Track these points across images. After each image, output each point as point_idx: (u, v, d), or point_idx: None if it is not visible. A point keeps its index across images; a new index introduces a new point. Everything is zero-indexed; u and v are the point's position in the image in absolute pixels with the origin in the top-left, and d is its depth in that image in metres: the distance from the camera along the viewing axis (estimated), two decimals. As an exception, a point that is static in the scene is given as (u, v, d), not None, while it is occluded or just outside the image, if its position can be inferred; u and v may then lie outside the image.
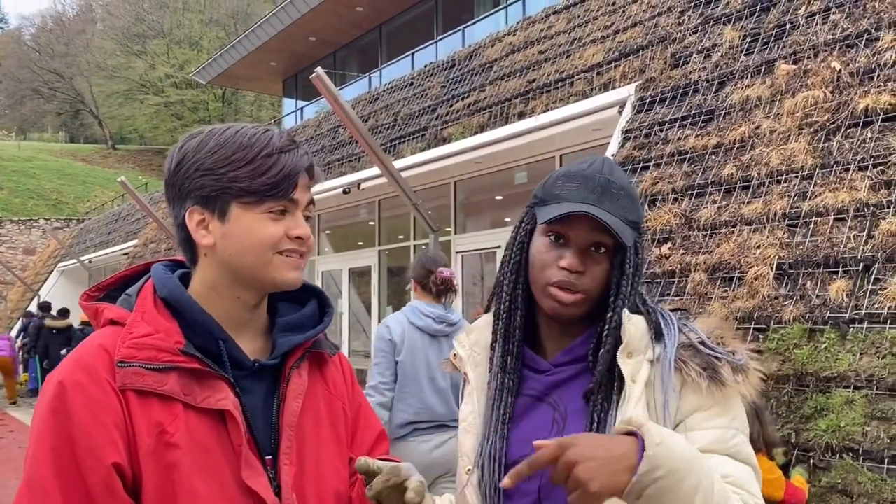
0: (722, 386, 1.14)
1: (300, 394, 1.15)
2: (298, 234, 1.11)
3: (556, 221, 1.22)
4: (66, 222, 27.81)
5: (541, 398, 1.25)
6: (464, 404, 1.34)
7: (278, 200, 1.09)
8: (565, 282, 1.21)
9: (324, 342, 1.23)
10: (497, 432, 1.24)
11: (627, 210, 1.23)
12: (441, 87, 10.07)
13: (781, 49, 5.57)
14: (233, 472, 1.05)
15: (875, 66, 4.84)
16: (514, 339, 1.28)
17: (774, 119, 5.14)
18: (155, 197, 19.12)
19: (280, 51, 20.25)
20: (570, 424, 1.20)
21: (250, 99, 40.50)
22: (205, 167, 1.09)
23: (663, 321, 1.21)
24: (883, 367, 3.67)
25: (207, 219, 1.11)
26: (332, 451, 1.18)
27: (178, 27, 43.48)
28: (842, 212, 4.37)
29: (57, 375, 1.03)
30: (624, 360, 1.17)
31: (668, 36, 6.73)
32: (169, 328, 1.07)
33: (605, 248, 1.22)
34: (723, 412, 1.15)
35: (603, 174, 1.24)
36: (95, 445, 0.98)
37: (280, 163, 1.09)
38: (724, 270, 4.71)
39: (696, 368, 1.15)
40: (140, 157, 44.20)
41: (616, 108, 6.66)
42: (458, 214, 10.24)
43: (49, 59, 46.33)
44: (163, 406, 1.03)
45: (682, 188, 5.40)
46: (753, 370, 1.17)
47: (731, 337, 1.21)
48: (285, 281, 1.13)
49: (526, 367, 1.28)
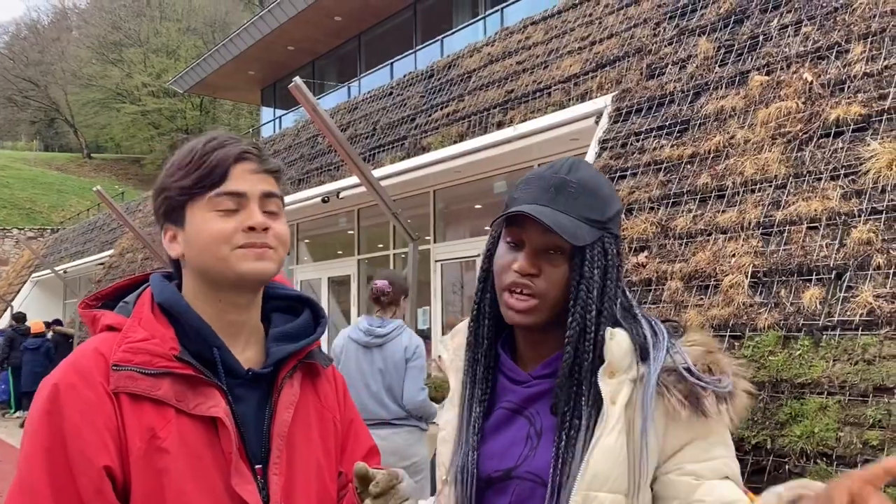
0: (703, 417, 1.10)
1: (292, 404, 1.15)
2: (250, 224, 1.10)
3: (511, 226, 1.20)
4: (41, 232, 27.42)
5: (518, 411, 1.22)
6: (445, 411, 1.32)
7: (214, 188, 1.10)
8: (517, 284, 1.17)
9: (317, 354, 1.23)
10: (468, 443, 1.22)
11: (588, 208, 1.17)
12: (420, 97, 10.10)
13: (755, 60, 5.66)
14: (223, 478, 1.05)
15: (845, 77, 4.93)
16: (482, 348, 1.25)
17: (748, 129, 5.22)
18: (131, 206, 18.93)
19: (258, 60, 20.18)
20: (544, 442, 1.17)
21: (228, 108, 40.27)
22: (163, 186, 1.15)
23: (653, 339, 1.15)
24: (855, 373, 3.73)
25: (175, 232, 1.15)
26: (322, 463, 1.19)
27: (156, 36, 43.16)
28: (814, 220, 4.45)
29: (52, 378, 1.04)
30: (605, 381, 1.12)
31: (644, 47, 6.82)
32: (165, 334, 1.09)
33: (561, 249, 1.17)
34: (711, 443, 1.13)
35: (559, 174, 1.20)
36: (87, 447, 0.99)
37: (213, 156, 1.12)
38: (699, 278, 4.77)
39: (677, 396, 1.10)
40: (116, 167, 43.74)
41: (593, 118, 6.72)
42: (438, 223, 10.26)
43: (23, 67, 45.75)
44: (155, 411, 1.04)
45: (658, 197, 5.46)
46: (740, 393, 1.13)
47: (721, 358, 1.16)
48: (247, 272, 1.11)
49: (506, 378, 1.25)
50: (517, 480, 1.17)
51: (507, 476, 1.18)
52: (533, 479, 1.15)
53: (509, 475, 1.18)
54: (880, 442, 3.50)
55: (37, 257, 20.37)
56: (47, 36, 48.69)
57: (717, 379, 1.12)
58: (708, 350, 1.16)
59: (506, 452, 1.20)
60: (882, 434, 3.51)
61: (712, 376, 1.12)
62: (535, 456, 1.17)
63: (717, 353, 1.16)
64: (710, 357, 1.15)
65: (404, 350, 4.08)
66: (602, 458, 1.09)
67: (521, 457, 1.18)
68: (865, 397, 3.65)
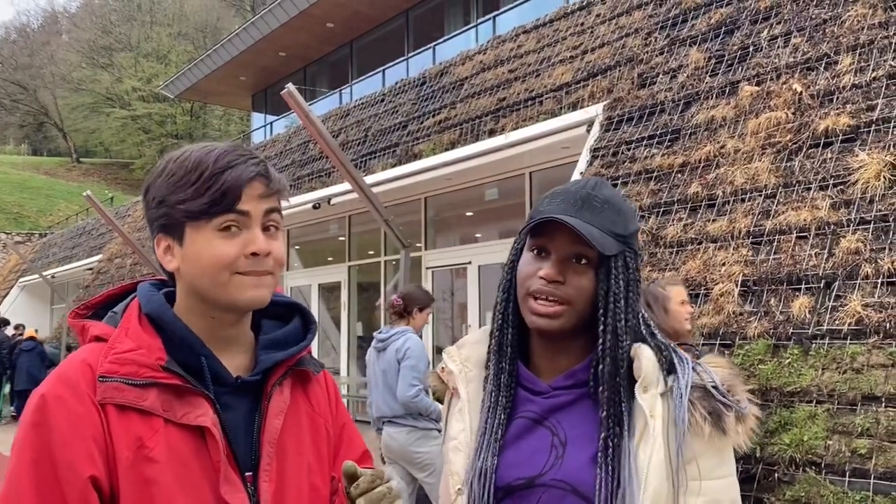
0: (722, 434, 1.15)
1: (281, 411, 1.15)
2: (253, 250, 1.09)
3: (537, 235, 1.22)
4: (28, 236, 27.22)
5: (539, 421, 1.23)
6: (454, 421, 1.31)
7: (223, 215, 1.09)
8: (542, 291, 1.20)
9: (307, 360, 1.23)
10: (489, 450, 1.22)
11: (612, 223, 1.21)
12: (412, 104, 10.12)
13: (745, 71, 5.71)
14: (212, 487, 1.05)
15: (834, 88, 4.98)
16: (506, 356, 1.26)
17: (738, 139, 5.26)
18: (121, 211, 18.84)
19: (249, 65, 20.16)
20: (570, 450, 1.18)
21: (219, 113, 40.16)
22: (159, 197, 1.12)
23: (676, 358, 1.20)
24: (844, 381, 3.76)
25: (171, 244, 1.13)
26: (314, 468, 1.18)
27: (146, 40, 43.04)
28: (804, 230, 4.48)
29: (40, 389, 1.04)
30: (641, 395, 1.16)
31: (635, 56, 6.86)
32: (151, 344, 1.08)
33: (586, 259, 1.20)
34: (722, 460, 1.17)
35: (585, 189, 1.24)
36: (74, 458, 0.99)
37: (221, 179, 1.08)
38: (689, 287, 4.79)
39: (701, 412, 1.15)
40: (105, 171, 43.51)
41: (584, 126, 6.76)
42: (429, 230, 10.27)
43: (12, 71, 45.49)
44: (143, 421, 1.04)
45: (649, 206, 5.48)
46: (752, 417, 1.18)
47: (738, 382, 1.21)
48: (243, 301, 1.11)
49: (523, 388, 1.26)
50: (543, 488, 1.18)
51: (531, 484, 1.19)
52: (562, 486, 1.16)
53: (533, 483, 1.18)
54: (868, 450, 3.52)
55: (24, 262, 20.22)
56: (37, 40, 48.46)
57: (737, 399, 1.18)
58: (730, 373, 1.22)
59: (528, 461, 1.20)
60: (870, 442, 3.53)
61: (733, 397, 1.18)
62: (563, 464, 1.18)
63: (738, 377, 1.22)
64: (731, 381, 1.20)
65: (395, 352, 4.44)
66: (657, 475, 1.12)
67: (547, 465, 1.19)
68: (854, 406, 3.67)
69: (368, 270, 11.61)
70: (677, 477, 1.13)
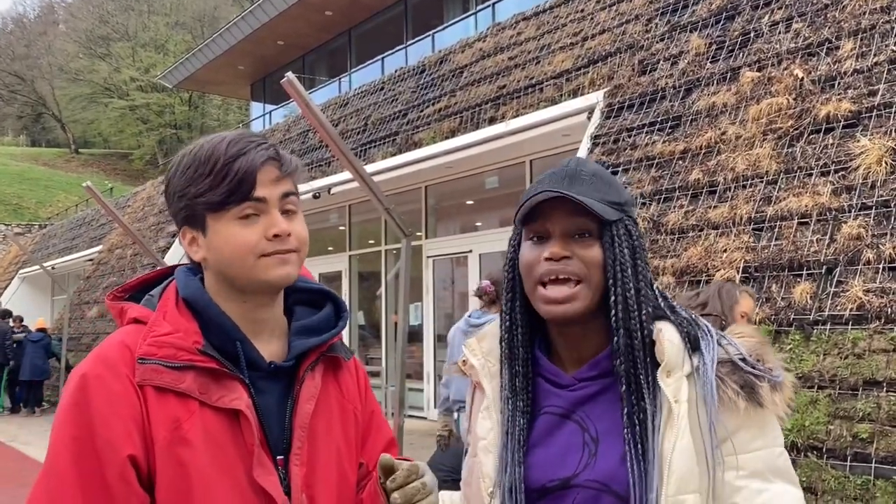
0: (759, 407, 1.09)
1: (313, 396, 1.17)
2: (275, 232, 1.12)
3: (532, 221, 1.18)
4: (28, 228, 27.20)
5: (566, 416, 1.18)
6: (482, 419, 1.25)
7: (240, 203, 1.11)
8: (552, 270, 1.14)
9: (339, 346, 1.25)
10: (514, 460, 1.17)
11: (604, 192, 1.16)
12: (411, 93, 10.09)
13: (746, 57, 5.69)
14: (245, 470, 1.07)
15: (836, 73, 4.97)
16: (518, 359, 1.21)
17: (740, 125, 5.25)
18: (120, 202, 18.82)
19: (248, 55, 20.07)
20: (604, 447, 1.13)
21: (217, 103, 40.01)
22: (178, 190, 1.14)
23: (701, 332, 1.14)
24: (845, 367, 3.77)
25: (196, 236, 1.15)
26: (343, 454, 1.20)
27: (144, 30, 42.83)
28: (805, 216, 4.48)
29: (81, 369, 1.07)
30: (665, 381, 1.10)
31: (635, 43, 6.83)
32: (188, 328, 1.11)
33: (588, 231, 1.15)
34: (762, 432, 1.11)
35: (570, 166, 1.20)
36: (113, 437, 1.02)
37: (234, 167, 1.11)
38: (691, 273, 4.79)
39: (733, 387, 1.09)
40: (104, 162, 43.41)
41: (585, 113, 6.74)
42: (429, 219, 10.26)
43: (9, 62, 45.29)
44: (179, 403, 1.06)
45: (651, 193, 5.48)
46: (788, 384, 1.12)
47: (769, 350, 1.15)
48: (273, 280, 1.14)
49: (547, 381, 1.21)
50: (578, 489, 1.13)
51: (566, 485, 1.14)
52: (598, 486, 1.12)
53: (568, 484, 1.14)
54: (870, 435, 3.53)
55: (24, 253, 20.22)
56: (33, 30, 48.21)
57: (769, 368, 1.12)
58: (759, 342, 1.16)
59: (561, 461, 1.16)
60: (872, 427, 3.55)
61: (764, 365, 1.12)
62: (597, 463, 1.13)
63: (767, 345, 1.17)
64: (761, 349, 1.15)
65: None
66: (682, 461, 1.08)
67: (581, 464, 1.14)
68: (855, 391, 3.69)
69: (369, 260, 11.61)
70: (712, 457, 1.08)
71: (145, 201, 16.86)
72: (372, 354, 11.43)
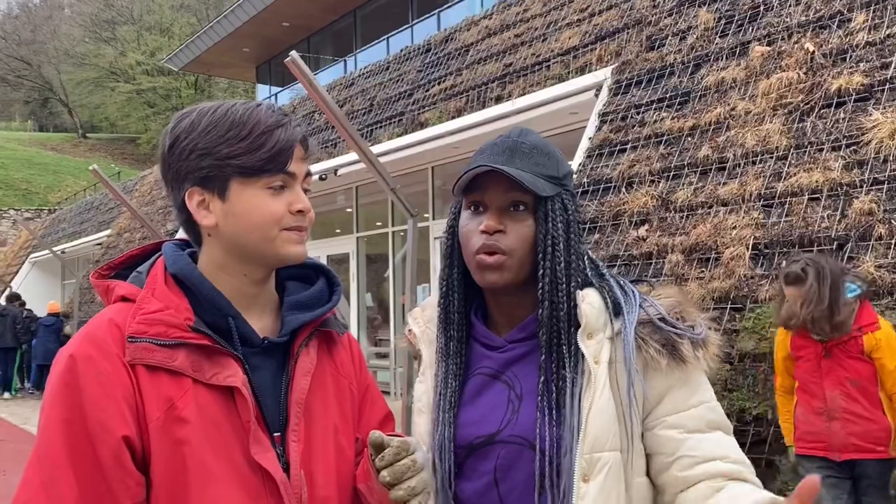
0: (682, 363, 1.13)
1: (308, 371, 1.15)
2: (299, 207, 1.12)
3: (471, 191, 1.22)
4: (37, 213, 27.31)
5: (495, 376, 1.23)
6: (418, 382, 1.33)
7: (275, 174, 1.10)
8: (486, 245, 1.19)
9: (332, 321, 1.23)
10: (444, 420, 1.23)
11: (542, 166, 1.21)
12: (417, 72, 10.02)
13: (756, 31, 5.60)
14: (242, 448, 1.06)
15: (847, 46, 4.89)
16: (453, 323, 1.26)
17: (749, 101, 5.18)
18: (128, 186, 18.85)
19: (253, 36, 19.97)
20: (526, 404, 1.18)
21: (223, 85, 39.91)
22: (200, 148, 1.09)
23: (623, 295, 1.18)
24: (856, 343, 3.73)
25: (208, 199, 1.11)
26: (340, 429, 1.19)
27: (149, 13, 42.66)
28: (816, 192, 4.43)
29: (68, 349, 1.04)
30: (585, 343, 1.15)
31: (643, 18, 6.74)
32: (179, 304, 1.08)
33: (524, 205, 1.20)
34: (693, 390, 1.15)
35: (511, 138, 1.23)
36: (106, 418, 0.99)
37: (274, 136, 1.09)
38: (700, 251, 4.76)
39: (654, 346, 1.13)
40: (112, 146, 43.47)
41: (592, 91, 6.67)
42: (436, 200, 10.23)
43: (15, 47, 45.25)
44: (172, 381, 1.04)
45: (659, 170, 5.43)
46: (713, 342, 1.16)
47: (690, 309, 1.19)
48: (290, 256, 1.13)
49: (479, 344, 1.26)
50: (501, 445, 1.18)
51: (490, 441, 1.19)
52: (519, 441, 1.17)
53: (492, 440, 1.19)
54: (881, 411, 3.50)
55: (34, 238, 20.33)
56: (39, 14, 48.10)
57: (690, 326, 1.16)
58: (678, 301, 1.20)
59: (486, 418, 1.21)
60: (883, 404, 3.52)
61: (685, 324, 1.16)
62: (519, 419, 1.18)
63: (687, 304, 1.20)
64: (680, 307, 1.19)
65: None
66: (598, 420, 1.12)
67: (504, 421, 1.19)
68: (867, 367, 3.65)
69: (376, 241, 11.60)
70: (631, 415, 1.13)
71: (152, 185, 16.88)
72: (380, 336, 11.45)
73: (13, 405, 12.67)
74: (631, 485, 1.14)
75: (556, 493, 1.12)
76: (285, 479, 1.07)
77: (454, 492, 1.21)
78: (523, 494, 1.16)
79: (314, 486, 1.11)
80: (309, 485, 1.10)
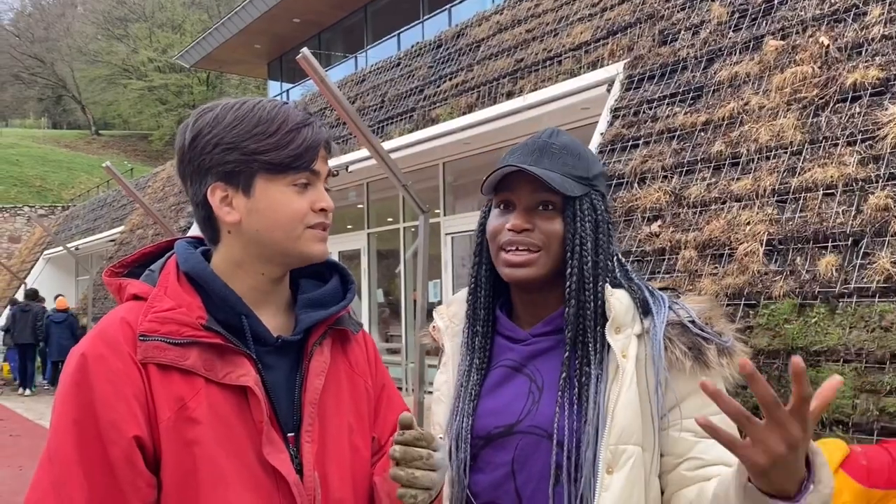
0: (706, 368, 1.13)
1: (322, 371, 1.13)
2: (323, 206, 1.13)
3: (501, 190, 1.24)
4: (51, 209, 27.51)
5: (518, 368, 1.25)
6: (439, 373, 1.35)
7: (301, 172, 1.10)
8: (513, 241, 1.21)
9: (347, 319, 1.22)
10: (464, 410, 1.24)
11: (571, 166, 1.22)
12: (428, 68, 10.00)
13: (769, 25, 5.55)
14: (254, 448, 1.04)
15: (863, 40, 4.83)
16: (479, 319, 1.29)
17: (763, 95, 5.14)
18: (141, 182, 18.95)
19: (264, 33, 20.01)
20: (547, 395, 1.20)
21: (235, 82, 40.03)
22: (225, 142, 1.08)
23: (651, 297, 1.19)
24: (872, 340, 3.70)
25: (231, 195, 1.10)
26: (355, 429, 1.17)
27: (160, 10, 42.84)
28: (830, 187, 4.38)
29: (80, 348, 1.03)
30: (613, 336, 1.16)
31: (655, 13, 6.70)
32: (191, 303, 1.07)
33: (552, 204, 1.22)
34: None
35: (542, 138, 1.25)
36: (117, 418, 0.98)
37: (302, 134, 1.10)
38: (714, 247, 4.73)
39: (681, 347, 1.15)
40: (124, 143, 43.72)
41: (604, 86, 6.64)
42: (447, 196, 10.22)
43: (29, 44, 45.58)
44: (184, 381, 1.02)
45: (672, 166, 5.39)
46: (739, 352, 1.17)
47: (719, 317, 1.20)
48: (313, 254, 1.14)
49: (504, 338, 1.28)
50: (520, 435, 1.20)
51: (509, 432, 1.21)
52: (538, 432, 1.18)
53: (511, 430, 1.21)
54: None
55: (48, 234, 20.48)
56: (52, 12, 48.41)
57: (718, 332, 1.17)
58: (708, 307, 1.22)
59: (506, 408, 1.22)
60: (899, 401, 3.49)
61: (713, 329, 1.18)
62: (539, 410, 1.20)
63: (717, 311, 1.22)
64: (709, 313, 1.20)
65: None
66: (625, 413, 1.13)
67: (524, 412, 1.21)
68: (882, 364, 3.62)
69: (387, 237, 11.60)
70: (656, 414, 1.14)
71: (165, 181, 16.95)
72: (392, 332, 11.47)
73: (29, 401, 12.79)
74: (649, 482, 1.14)
75: (573, 485, 1.13)
76: (298, 480, 1.06)
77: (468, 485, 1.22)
78: (539, 486, 1.16)
79: (328, 488, 1.10)
80: (323, 486, 1.09)
